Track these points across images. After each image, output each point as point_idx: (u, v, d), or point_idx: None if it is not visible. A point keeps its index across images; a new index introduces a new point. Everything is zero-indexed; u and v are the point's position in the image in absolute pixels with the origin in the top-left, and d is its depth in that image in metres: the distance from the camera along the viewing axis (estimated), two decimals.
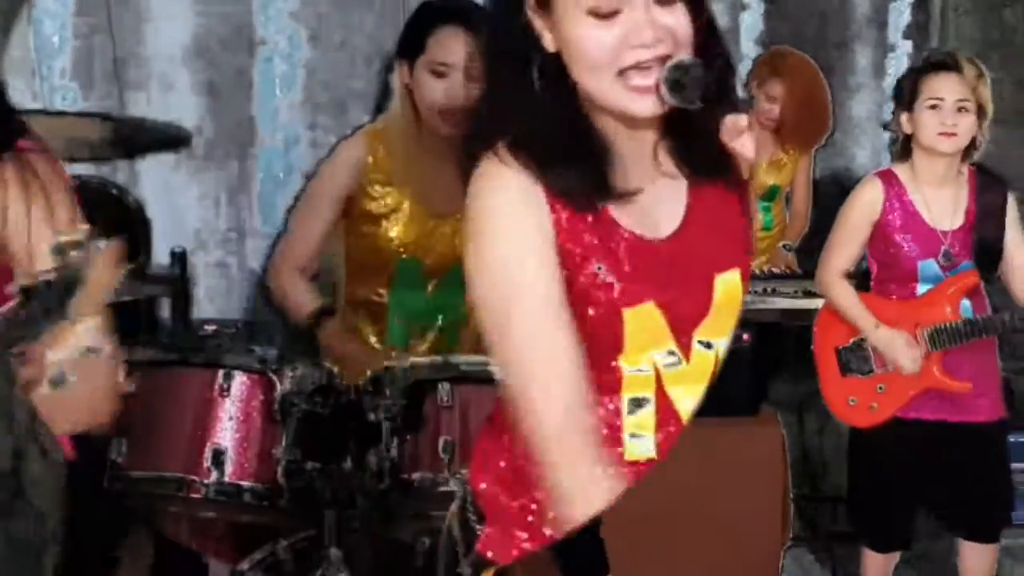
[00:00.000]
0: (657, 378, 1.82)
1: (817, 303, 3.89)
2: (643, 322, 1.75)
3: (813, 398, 4.18)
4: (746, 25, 5.19)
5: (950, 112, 3.26)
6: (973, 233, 3.33)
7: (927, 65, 3.39)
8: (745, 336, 3.54)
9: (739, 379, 3.53)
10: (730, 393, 2.88)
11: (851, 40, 5.23)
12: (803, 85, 4.52)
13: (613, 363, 1.79)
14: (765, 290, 4.07)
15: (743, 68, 4.73)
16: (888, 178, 3.38)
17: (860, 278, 3.50)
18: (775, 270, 4.21)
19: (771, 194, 4.63)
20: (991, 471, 3.40)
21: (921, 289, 3.34)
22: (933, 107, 3.26)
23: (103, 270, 1.69)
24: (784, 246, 4.52)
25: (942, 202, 3.35)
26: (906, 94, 3.34)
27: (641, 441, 1.86)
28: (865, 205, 3.38)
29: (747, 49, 5.10)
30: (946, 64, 3.31)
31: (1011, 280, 3.39)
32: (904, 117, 3.33)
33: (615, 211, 1.73)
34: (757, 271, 4.12)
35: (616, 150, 1.72)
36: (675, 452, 2.13)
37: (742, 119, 1.70)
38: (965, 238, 3.33)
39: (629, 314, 1.74)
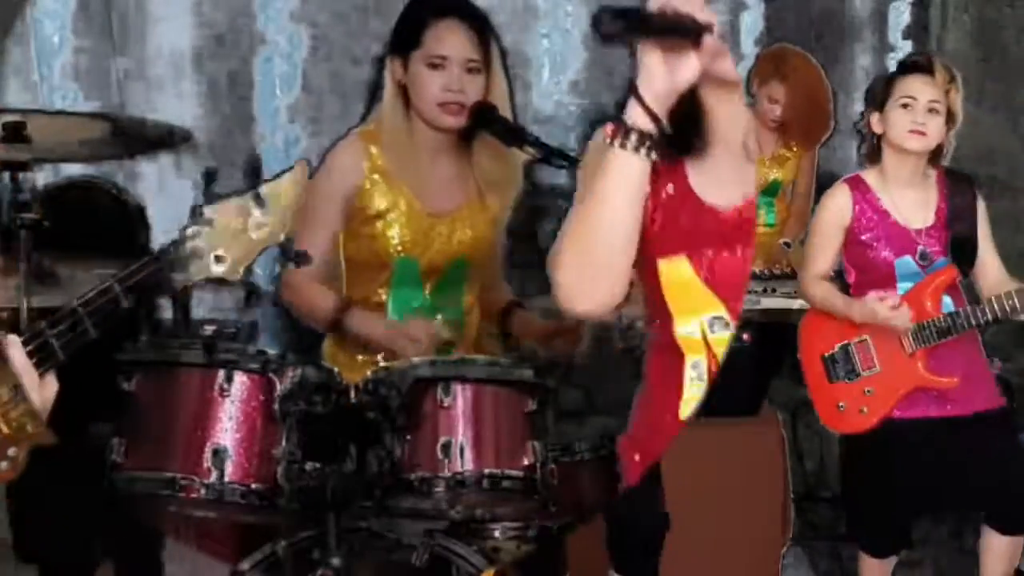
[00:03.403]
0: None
1: None
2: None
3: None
4: (746, 25, 5.19)
5: (921, 112, 3.30)
6: (947, 230, 3.36)
7: (901, 66, 3.44)
8: (745, 336, 3.54)
9: (739, 379, 3.53)
10: (730, 393, 2.87)
11: (851, 40, 5.24)
12: (805, 85, 4.52)
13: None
14: (765, 290, 4.08)
15: (743, 68, 4.73)
16: (856, 183, 3.42)
17: (841, 284, 3.52)
18: (775, 270, 4.21)
19: (773, 189, 4.62)
20: (1004, 459, 3.35)
21: (902, 288, 3.36)
22: (905, 106, 3.31)
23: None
24: (784, 243, 4.51)
25: (912, 202, 3.38)
26: (878, 94, 3.39)
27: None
28: (835, 211, 3.41)
29: (747, 49, 5.11)
30: (920, 66, 3.35)
31: (979, 277, 3.42)
32: (875, 117, 3.38)
33: None
34: (757, 271, 4.12)
35: None
36: (676, 452, 2.14)
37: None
38: (939, 235, 3.36)
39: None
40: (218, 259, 1.87)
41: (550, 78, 5.08)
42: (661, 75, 1.81)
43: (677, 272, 2.08)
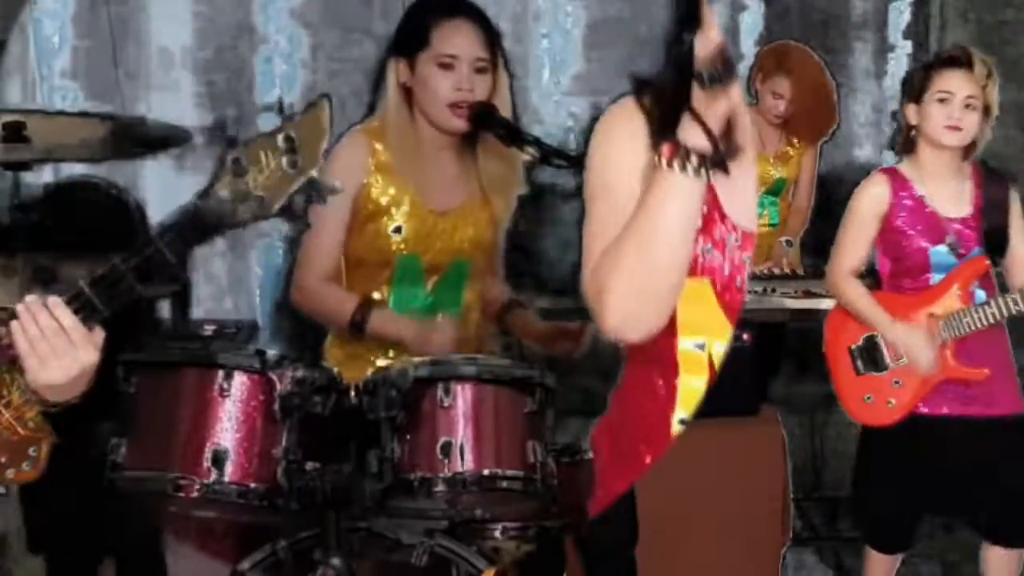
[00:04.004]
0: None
1: (818, 303, 3.90)
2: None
3: (814, 398, 4.19)
4: (746, 25, 5.19)
5: (958, 107, 3.30)
6: (981, 221, 3.36)
7: (939, 59, 3.42)
8: (745, 336, 3.54)
9: (739, 379, 3.53)
10: (730, 393, 2.87)
11: (851, 40, 5.24)
12: (809, 79, 4.52)
13: None
14: (765, 290, 4.07)
15: (743, 68, 4.73)
16: (892, 174, 3.42)
17: (872, 277, 3.51)
18: (775, 270, 4.21)
19: (777, 188, 4.62)
20: (1010, 468, 3.35)
21: (935, 279, 3.35)
22: (942, 100, 3.31)
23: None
24: (786, 242, 4.51)
25: (947, 192, 3.38)
26: (916, 86, 3.37)
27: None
28: (871, 200, 3.40)
29: (747, 49, 5.11)
30: (958, 60, 3.34)
31: (1010, 268, 3.41)
32: (912, 109, 3.37)
33: None
34: (757, 271, 4.12)
35: None
36: (675, 452, 2.14)
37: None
38: (974, 226, 3.36)
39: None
40: (258, 201, 1.88)
41: (550, 78, 5.08)
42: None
43: (698, 291, 2.01)
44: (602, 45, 5.09)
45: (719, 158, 1.79)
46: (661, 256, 1.84)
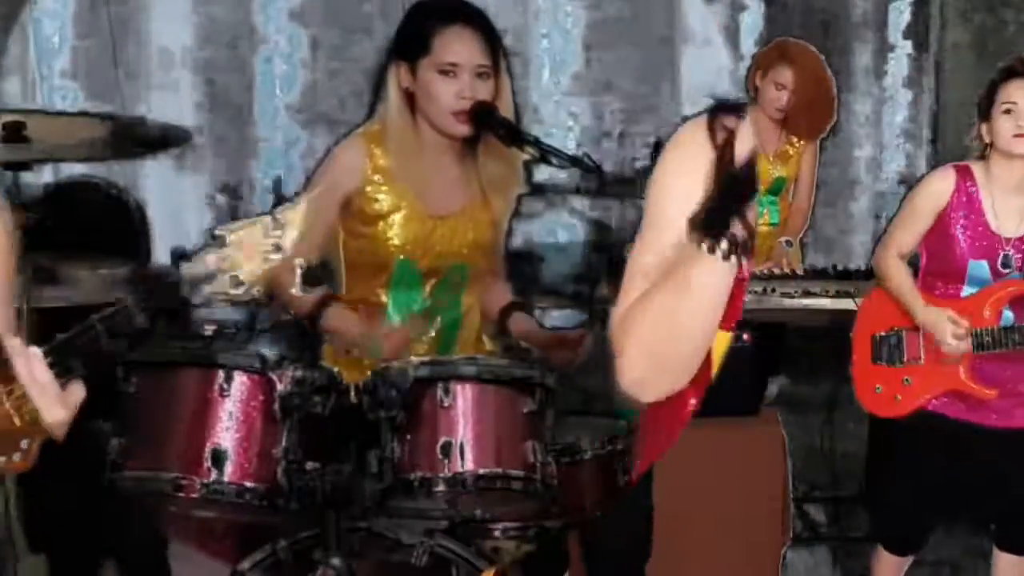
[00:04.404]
0: None
1: (818, 303, 3.90)
2: None
3: (815, 398, 4.19)
4: (746, 25, 5.20)
5: (1023, 115, 3.27)
6: None
7: (1001, 73, 3.35)
8: (745, 336, 3.54)
9: (739, 379, 3.53)
10: (730, 393, 2.87)
11: (851, 40, 5.24)
12: (811, 69, 4.50)
13: None
14: (765, 290, 4.07)
15: (743, 68, 4.73)
16: (963, 172, 3.36)
17: (912, 266, 3.49)
18: (775, 270, 4.21)
19: (777, 187, 4.60)
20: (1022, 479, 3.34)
21: (966, 291, 3.32)
22: (1007, 111, 3.27)
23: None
24: (786, 241, 4.50)
25: (1010, 208, 3.32)
26: (983, 104, 3.33)
27: None
28: (933, 192, 3.37)
29: (747, 49, 5.11)
30: (1017, 71, 3.30)
31: None
32: (984, 128, 3.33)
33: None
34: (757, 271, 4.11)
35: None
36: (675, 452, 2.13)
37: None
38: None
39: None
40: (234, 280, 1.89)
41: (550, 78, 5.08)
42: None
43: (723, 343, 2.01)
44: (602, 45, 5.09)
45: (751, 245, 1.84)
46: (687, 335, 1.90)
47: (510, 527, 2.65)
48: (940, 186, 3.36)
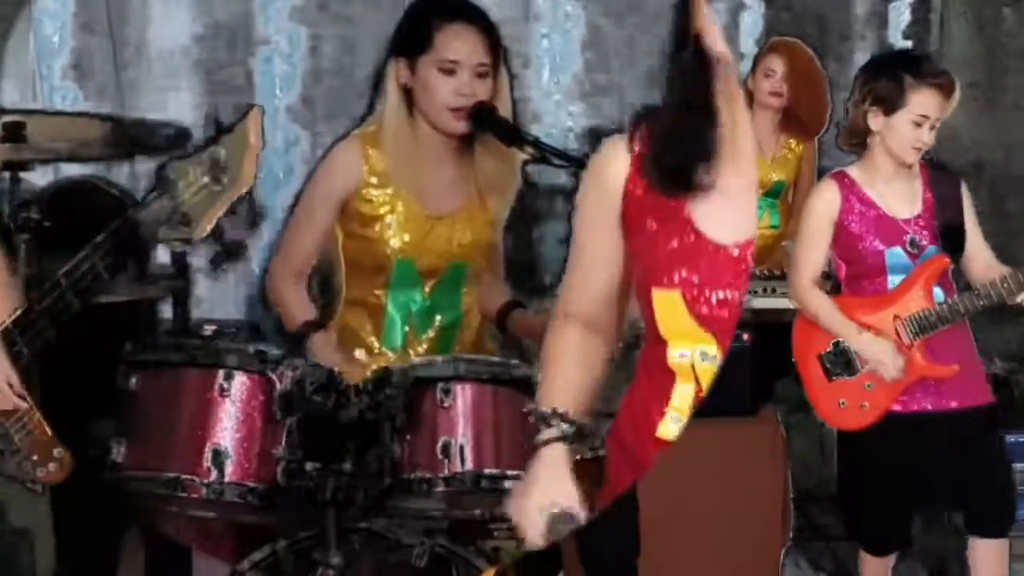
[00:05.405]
0: None
1: None
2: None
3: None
4: (746, 25, 5.19)
5: (927, 130, 3.31)
6: (934, 219, 3.37)
7: (918, 73, 3.32)
8: (745, 336, 3.54)
9: (739, 379, 3.53)
10: (730, 393, 2.87)
11: (851, 40, 5.24)
12: (801, 62, 4.56)
13: None
14: (765, 290, 4.07)
15: (743, 68, 4.73)
16: (841, 178, 3.44)
17: (832, 284, 3.52)
18: (776, 271, 4.21)
19: (776, 191, 4.61)
20: (987, 459, 3.39)
21: (892, 281, 3.37)
22: (917, 124, 3.29)
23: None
24: (787, 245, 4.50)
25: (897, 193, 3.40)
26: (889, 97, 3.32)
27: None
28: (823, 205, 3.42)
29: (747, 49, 5.10)
30: (942, 86, 3.30)
31: (969, 264, 3.42)
32: (879, 118, 3.34)
33: None
34: (757, 272, 4.12)
35: None
36: (675, 452, 2.13)
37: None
38: (927, 224, 3.37)
39: None
40: (185, 218, 1.88)
41: (550, 78, 5.08)
42: None
43: (670, 303, 2.00)
44: (602, 45, 5.09)
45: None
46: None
47: (510, 527, 2.64)
48: (827, 195, 3.42)
